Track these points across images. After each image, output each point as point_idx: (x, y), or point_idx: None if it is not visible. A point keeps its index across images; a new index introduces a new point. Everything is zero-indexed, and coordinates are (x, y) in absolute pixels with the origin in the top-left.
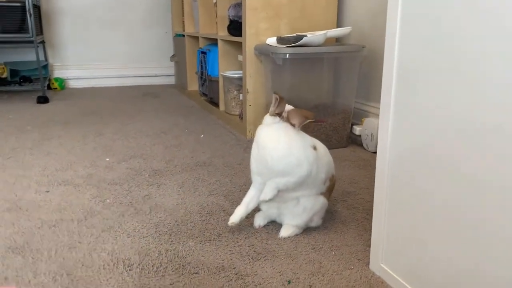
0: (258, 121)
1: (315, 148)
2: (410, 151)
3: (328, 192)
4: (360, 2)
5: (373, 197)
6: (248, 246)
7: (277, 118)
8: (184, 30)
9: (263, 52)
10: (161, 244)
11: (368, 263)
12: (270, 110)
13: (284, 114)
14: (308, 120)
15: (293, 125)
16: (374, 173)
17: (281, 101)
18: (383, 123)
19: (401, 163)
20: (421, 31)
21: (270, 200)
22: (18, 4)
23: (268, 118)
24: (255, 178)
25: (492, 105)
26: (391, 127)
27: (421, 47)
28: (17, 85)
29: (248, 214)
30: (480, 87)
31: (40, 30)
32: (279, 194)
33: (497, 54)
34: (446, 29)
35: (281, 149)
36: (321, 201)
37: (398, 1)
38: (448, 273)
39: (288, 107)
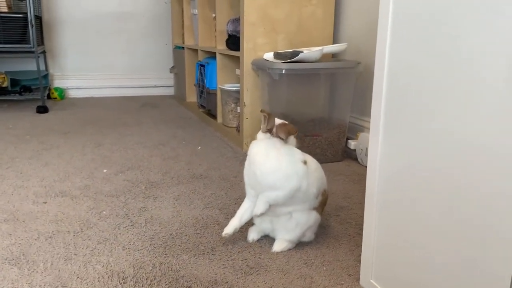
0: (254, 134)
1: (305, 163)
2: (400, 166)
3: (321, 207)
4: (356, 18)
5: None
6: (241, 260)
7: (268, 134)
8: (183, 43)
9: (260, 67)
10: (155, 257)
11: (358, 279)
12: (261, 127)
13: (274, 129)
14: (292, 135)
15: (282, 139)
16: None
17: (270, 117)
18: (373, 138)
19: (391, 179)
20: (413, 42)
21: (263, 214)
22: (20, 15)
23: (260, 135)
24: (249, 191)
25: (485, 120)
26: (381, 142)
27: (412, 60)
28: (17, 94)
29: (242, 227)
30: (474, 102)
31: (41, 40)
32: (272, 209)
33: (486, 69)
34: (437, 41)
35: (269, 164)
36: (314, 216)
37: (389, 14)
38: None
39: (278, 121)
